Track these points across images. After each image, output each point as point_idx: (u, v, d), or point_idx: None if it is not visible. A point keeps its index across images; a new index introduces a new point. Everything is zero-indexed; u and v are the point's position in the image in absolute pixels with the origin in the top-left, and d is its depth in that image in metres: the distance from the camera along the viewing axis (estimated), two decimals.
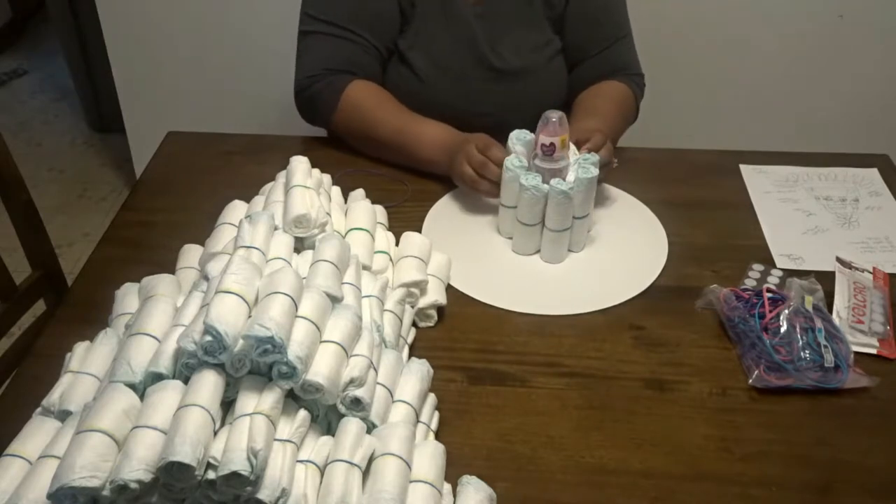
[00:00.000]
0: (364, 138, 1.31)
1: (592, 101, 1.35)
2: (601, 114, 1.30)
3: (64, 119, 3.09)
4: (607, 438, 0.88)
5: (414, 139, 1.26)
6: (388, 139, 1.28)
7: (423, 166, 1.27)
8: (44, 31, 3.64)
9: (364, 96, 1.30)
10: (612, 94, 1.37)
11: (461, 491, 0.78)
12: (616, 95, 1.36)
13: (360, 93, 1.30)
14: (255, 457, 0.69)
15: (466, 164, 1.16)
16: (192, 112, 2.20)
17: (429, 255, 1.06)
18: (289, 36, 1.34)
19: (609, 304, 1.06)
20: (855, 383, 0.93)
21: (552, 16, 1.37)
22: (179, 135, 1.43)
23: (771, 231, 1.19)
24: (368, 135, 1.30)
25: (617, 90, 1.37)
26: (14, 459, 0.75)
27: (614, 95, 1.36)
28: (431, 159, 1.25)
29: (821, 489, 0.83)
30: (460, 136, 1.22)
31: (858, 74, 2.08)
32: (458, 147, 1.19)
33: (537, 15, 1.36)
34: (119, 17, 2.07)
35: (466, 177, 1.16)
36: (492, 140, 1.16)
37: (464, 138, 1.20)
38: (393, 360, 0.86)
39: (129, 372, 0.77)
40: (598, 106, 1.33)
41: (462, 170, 1.17)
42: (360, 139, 1.32)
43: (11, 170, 1.27)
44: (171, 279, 0.93)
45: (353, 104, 1.30)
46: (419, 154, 1.26)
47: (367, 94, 1.31)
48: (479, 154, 1.15)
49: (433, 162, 1.25)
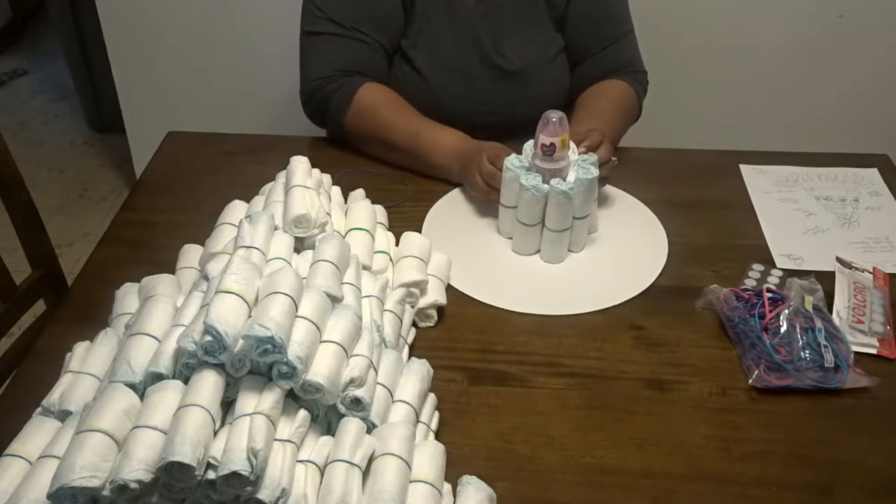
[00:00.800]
0: (376, 141, 1.30)
1: (593, 101, 1.35)
2: (602, 114, 1.30)
3: (64, 119, 3.09)
4: (607, 438, 0.88)
5: (428, 145, 1.25)
6: (401, 143, 1.27)
7: (436, 172, 1.27)
8: (44, 31, 3.64)
9: (376, 99, 1.30)
10: (613, 93, 1.36)
11: (461, 491, 0.78)
12: (617, 94, 1.36)
13: (372, 95, 1.30)
14: (255, 457, 0.69)
15: (478, 174, 1.16)
16: (192, 112, 2.20)
17: (429, 255, 1.06)
18: (289, 36, 1.34)
19: (609, 304, 1.06)
20: (855, 383, 0.93)
21: (554, 14, 1.37)
22: (179, 135, 1.43)
23: (771, 231, 1.19)
24: (381, 138, 1.29)
25: (618, 89, 1.37)
26: (14, 459, 0.75)
27: (615, 95, 1.36)
28: (445, 166, 1.25)
29: (821, 489, 0.83)
30: (473, 143, 1.22)
31: (858, 74, 2.08)
32: (470, 156, 1.19)
33: (540, 13, 1.36)
34: (119, 17, 2.07)
35: (478, 187, 1.17)
36: (503, 150, 1.15)
37: (476, 147, 1.20)
38: (393, 360, 0.86)
39: (129, 372, 0.77)
40: (599, 106, 1.33)
41: (474, 181, 1.18)
42: (372, 142, 1.31)
43: (11, 170, 1.27)
44: (171, 279, 0.93)
45: (365, 107, 1.29)
46: (434, 161, 1.26)
47: (380, 96, 1.30)
48: (489, 165, 1.15)
49: (448, 169, 1.25)
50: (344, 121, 1.31)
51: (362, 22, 1.30)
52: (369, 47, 1.31)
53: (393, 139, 1.28)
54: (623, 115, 1.35)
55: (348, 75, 1.30)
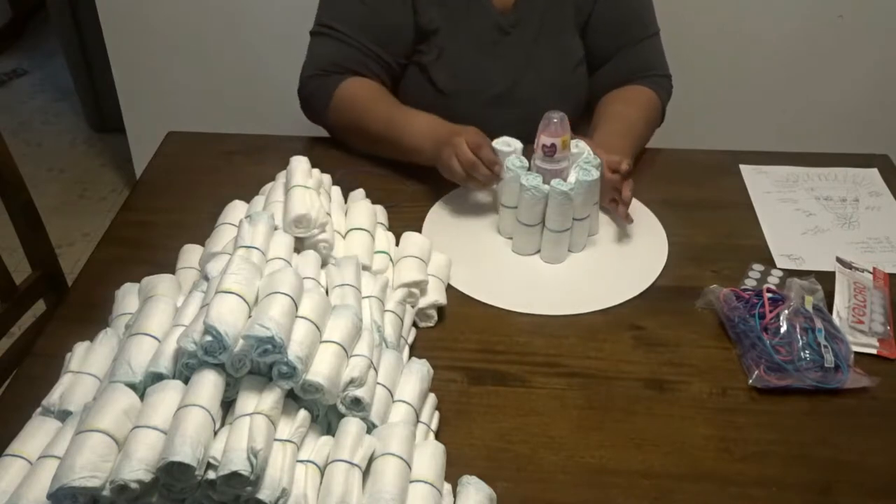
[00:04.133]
0: (356, 131, 1.30)
1: (615, 105, 1.32)
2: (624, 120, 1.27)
3: (64, 119, 3.09)
4: (607, 438, 0.88)
5: (401, 128, 1.24)
6: (377, 131, 1.26)
7: (408, 156, 1.24)
8: (44, 31, 3.63)
9: (355, 91, 1.30)
10: (636, 98, 1.34)
11: (461, 491, 0.78)
12: (641, 100, 1.34)
13: (353, 88, 1.30)
14: (255, 457, 0.69)
15: (455, 160, 1.13)
16: (192, 112, 2.20)
17: (429, 255, 1.06)
18: (289, 36, 1.35)
19: (609, 304, 1.06)
20: (855, 383, 0.93)
21: (580, 19, 1.35)
22: (179, 135, 1.43)
23: (771, 231, 1.19)
24: (360, 127, 1.29)
25: (642, 95, 1.34)
26: (14, 459, 0.75)
27: (639, 100, 1.33)
28: (416, 147, 1.22)
29: (821, 489, 0.83)
30: (449, 127, 1.20)
31: (858, 74, 2.08)
32: (446, 138, 1.16)
33: (568, 21, 1.34)
34: (119, 17, 2.07)
35: (455, 173, 1.14)
36: (483, 138, 1.12)
37: (453, 130, 1.17)
38: (393, 360, 0.86)
39: (129, 372, 0.77)
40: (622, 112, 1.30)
41: (450, 164, 1.13)
42: (353, 133, 1.31)
43: (11, 170, 1.27)
44: (171, 279, 0.93)
45: (345, 99, 1.29)
46: (405, 142, 1.23)
47: (359, 89, 1.30)
48: (469, 153, 1.11)
49: (418, 150, 1.22)
50: (327, 114, 1.31)
51: (366, 34, 1.29)
52: (368, 57, 1.31)
53: (369, 128, 1.27)
54: (646, 121, 1.33)
55: (339, 72, 1.31)
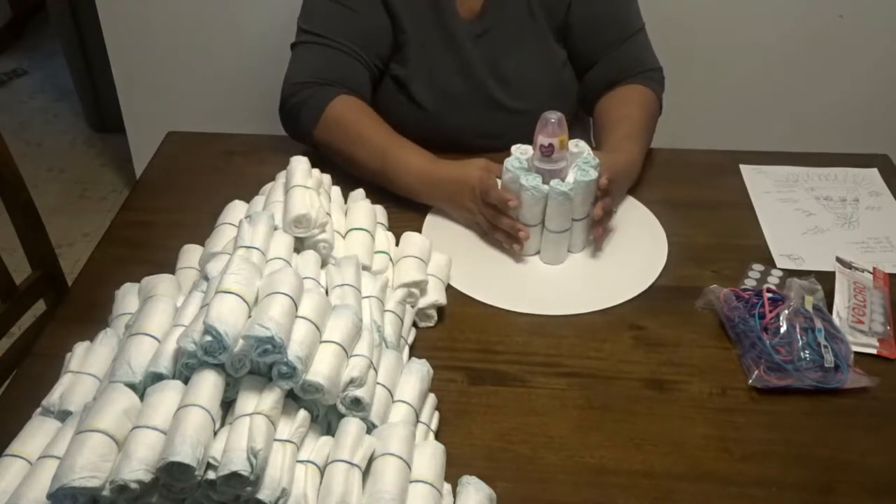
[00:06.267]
0: (348, 161, 1.24)
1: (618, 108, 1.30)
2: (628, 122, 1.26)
3: (64, 119, 3.09)
4: (607, 438, 0.88)
5: (394, 165, 1.20)
6: (368, 162, 1.22)
7: (402, 193, 1.21)
8: (44, 31, 3.64)
9: (345, 113, 1.24)
10: (634, 98, 1.31)
11: (461, 491, 0.78)
12: (639, 99, 1.31)
13: (343, 109, 1.24)
14: (255, 457, 0.69)
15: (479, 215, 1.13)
16: (192, 112, 2.20)
17: (429, 255, 1.06)
18: (289, 36, 1.34)
19: (609, 304, 1.06)
20: (855, 383, 0.93)
21: (555, 25, 1.33)
22: (179, 135, 1.43)
23: (771, 231, 1.19)
24: (353, 160, 1.23)
25: (638, 94, 1.32)
26: (14, 459, 0.75)
27: (637, 99, 1.31)
28: (411, 190, 1.19)
29: (821, 489, 0.83)
30: (446, 171, 1.16)
31: (858, 74, 2.08)
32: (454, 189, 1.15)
33: (541, 27, 1.32)
34: (119, 17, 2.07)
35: (484, 226, 1.14)
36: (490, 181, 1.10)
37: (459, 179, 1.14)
38: (393, 361, 0.86)
39: (129, 372, 0.77)
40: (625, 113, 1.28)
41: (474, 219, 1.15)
42: (340, 157, 1.26)
43: (11, 170, 1.27)
44: (171, 279, 0.93)
45: (334, 120, 1.24)
46: (400, 182, 1.20)
47: (349, 111, 1.25)
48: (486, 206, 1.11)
49: (414, 192, 1.19)
50: (314, 133, 1.26)
51: (347, 36, 1.27)
52: (352, 58, 1.27)
53: (359, 157, 1.22)
54: (648, 117, 1.30)
55: (327, 84, 1.26)
